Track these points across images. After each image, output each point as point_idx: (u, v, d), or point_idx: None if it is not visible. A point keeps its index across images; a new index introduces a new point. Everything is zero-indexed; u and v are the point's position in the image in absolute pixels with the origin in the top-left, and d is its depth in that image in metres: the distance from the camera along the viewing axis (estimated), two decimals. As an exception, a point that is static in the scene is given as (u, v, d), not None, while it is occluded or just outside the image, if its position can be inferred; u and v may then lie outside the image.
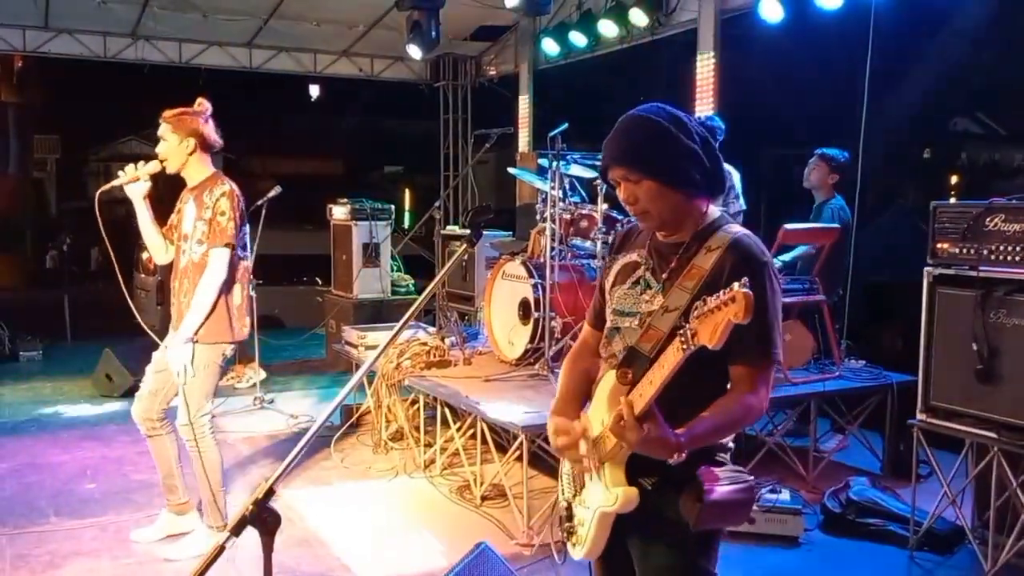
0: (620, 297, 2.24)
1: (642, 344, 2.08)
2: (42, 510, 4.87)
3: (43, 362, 9.10)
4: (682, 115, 2.14)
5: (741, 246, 2.08)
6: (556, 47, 9.38)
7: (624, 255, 2.30)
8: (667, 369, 1.89)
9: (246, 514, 1.85)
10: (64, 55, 9.98)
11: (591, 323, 2.44)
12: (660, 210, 2.12)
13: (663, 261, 2.17)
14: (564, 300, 5.47)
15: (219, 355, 4.16)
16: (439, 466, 5.48)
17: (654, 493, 2.08)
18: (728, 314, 1.72)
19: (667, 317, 2.06)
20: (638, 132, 2.12)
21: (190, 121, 4.15)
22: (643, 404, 1.92)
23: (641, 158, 2.10)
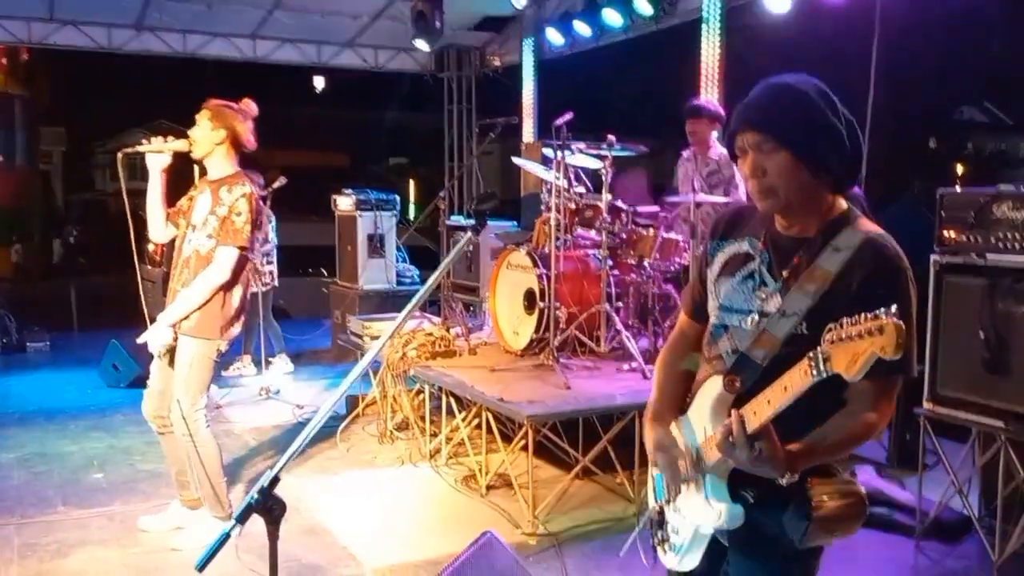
0: (729, 292, 2.03)
1: (754, 350, 1.90)
2: (50, 499, 4.89)
3: (50, 353, 9.15)
4: (829, 93, 1.92)
5: (874, 248, 1.85)
6: (560, 37, 9.35)
7: (731, 243, 2.06)
8: (790, 393, 1.71)
9: (252, 502, 1.86)
10: (69, 47, 9.98)
11: (689, 314, 2.24)
12: (788, 189, 1.88)
13: (782, 257, 1.95)
14: (569, 290, 5.47)
15: (213, 350, 4.16)
16: (444, 455, 5.50)
17: (756, 505, 1.94)
18: (874, 346, 1.52)
19: (784, 322, 1.87)
20: (783, 98, 1.91)
21: (230, 115, 4.17)
22: (757, 424, 1.76)
23: (781, 125, 1.87)
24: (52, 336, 9.40)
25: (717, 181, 5.93)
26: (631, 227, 5.60)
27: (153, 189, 4.25)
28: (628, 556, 2.30)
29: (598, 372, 5.23)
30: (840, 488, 1.91)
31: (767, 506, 1.92)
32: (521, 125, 10.19)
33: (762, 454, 1.76)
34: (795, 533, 1.87)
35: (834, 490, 1.90)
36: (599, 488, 5.02)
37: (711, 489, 1.96)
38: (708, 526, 1.98)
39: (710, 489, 1.96)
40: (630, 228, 5.60)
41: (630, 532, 4.51)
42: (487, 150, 11.38)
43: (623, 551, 2.37)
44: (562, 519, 4.58)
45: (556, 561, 4.10)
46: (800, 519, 1.86)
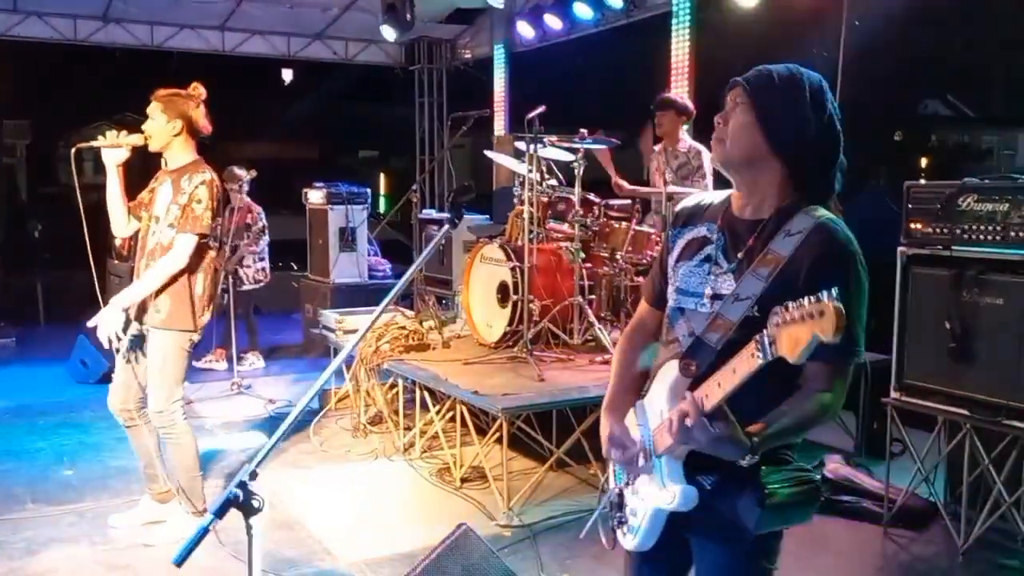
0: (685, 275, 2.06)
1: (708, 334, 1.92)
2: (19, 497, 4.83)
3: (17, 348, 9.01)
4: (827, 90, 1.98)
5: (825, 232, 1.88)
6: (531, 30, 9.37)
7: (691, 229, 2.11)
8: (739, 375, 1.72)
9: (230, 497, 1.85)
10: (34, 38, 9.83)
11: (649, 300, 2.27)
12: (735, 144, 1.96)
13: (737, 239, 1.99)
14: (542, 283, 5.49)
15: (186, 341, 4.13)
16: (418, 449, 5.50)
17: (713, 492, 1.95)
18: (815, 328, 1.54)
19: (738, 306, 1.89)
20: (776, 71, 1.98)
21: (181, 104, 4.12)
22: (710, 405, 1.77)
23: (760, 87, 1.96)
24: (18, 331, 9.26)
25: (687, 173, 5.98)
26: (603, 220, 5.64)
27: (111, 184, 4.19)
28: (600, 544, 2.33)
29: (571, 364, 5.26)
30: (793, 475, 1.95)
31: (723, 493, 1.94)
32: (493, 118, 10.19)
33: (720, 434, 1.77)
34: (749, 520, 1.90)
35: (787, 477, 1.93)
36: (573, 479, 5.05)
37: (666, 472, 1.98)
38: (664, 508, 1.99)
39: (665, 472, 1.99)
40: (602, 221, 5.63)
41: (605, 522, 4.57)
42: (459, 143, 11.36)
43: (583, 532, 2.38)
44: (536, 510, 4.61)
45: (531, 551, 4.13)
46: (753, 506, 1.88)
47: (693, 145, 6.04)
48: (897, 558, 4.23)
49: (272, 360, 8.29)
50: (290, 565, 3.99)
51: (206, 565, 3.86)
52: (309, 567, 4.00)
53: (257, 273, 7.91)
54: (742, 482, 1.90)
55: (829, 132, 1.97)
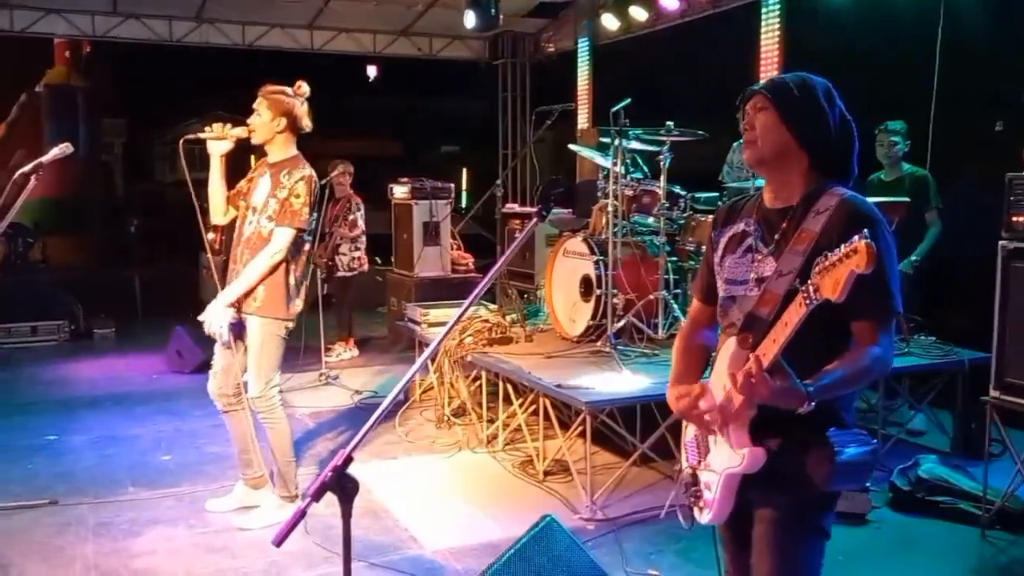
0: (731, 266, 2.30)
1: (760, 309, 2.12)
2: (121, 480, 5.04)
3: (116, 339, 9.39)
4: (836, 94, 2.24)
5: (850, 205, 2.12)
6: (616, 22, 9.30)
7: (730, 227, 2.36)
8: (790, 326, 1.93)
9: (326, 480, 1.90)
10: (132, 40, 10.21)
11: (700, 298, 2.50)
12: (765, 143, 2.20)
13: (772, 227, 2.23)
14: (626, 277, 5.46)
15: (281, 329, 4.26)
16: (501, 441, 5.54)
17: (779, 455, 2.13)
18: (850, 265, 1.76)
19: (781, 281, 2.10)
20: (790, 77, 2.25)
21: (286, 102, 4.25)
22: (770, 359, 1.95)
23: (775, 90, 2.21)
24: (117, 323, 9.65)
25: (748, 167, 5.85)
26: (689, 213, 5.56)
27: (214, 173, 4.36)
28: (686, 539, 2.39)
29: (656, 359, 5.21)
30: (857, 438, 2.11)
31: (791, 452, 2.11)
32: (576, 112, 10.16)
33: (780, 385, 1.95)
34: (819, 475, 2.06)
35: (852, 439, 2.10)
36: (656, 475, 5.02)
37: (734, 437, 2.15)
38: (735, 472, 2.16)
39: (733, 438, 2.15)
40: (688, 214, 5.56)
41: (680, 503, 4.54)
42: (542, 138, 11.36)
43: (662, 513, 2.56)
44: (620, 505, 4.59)
45: (615, 546, 4.11)
46: (824, 462, 2.05)
47: None
48: (995, 561, 4.08)
49: (359, 352, 8.45)
50: (378, 552, 4.06)
51: (294, 549, 3.96)
52: (396, 554, 4.07)
53: (352, 261, 8.10)
54: (809, 442, 2.08)
55: (844, 123, 2.22)
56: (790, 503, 2.17)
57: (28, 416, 6.36)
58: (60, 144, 4.50)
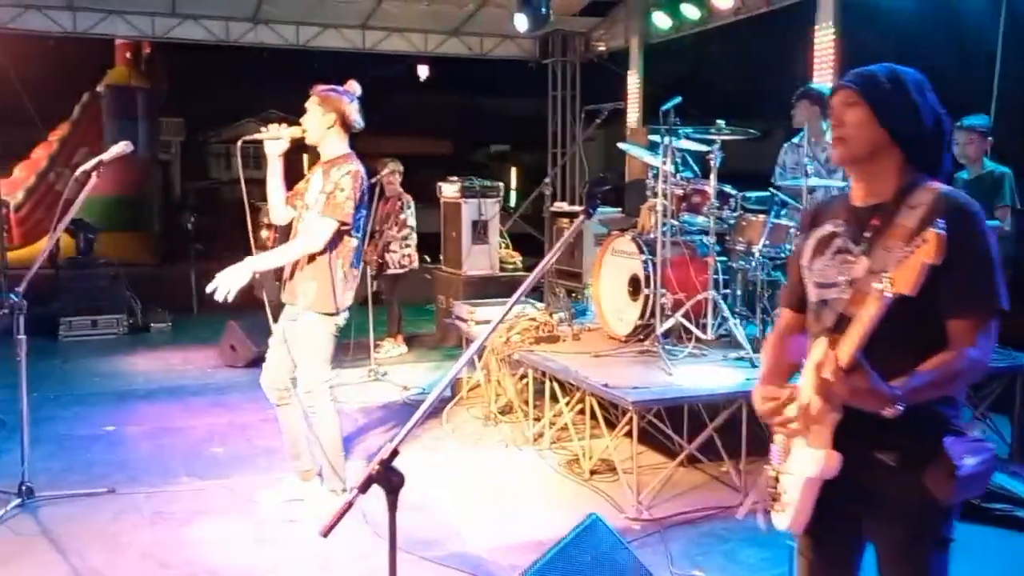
0: (821, 270, 2.21)
1: (851, 310, 2.02)
2: (174, 470, 5.16)
3: (172, 333, 9.60)
4: (926, 83, 2.15)
5: (947, 201, 2.01)
6: (667, 20, 9.24)
7: (818, 230, 2.27)
8: (866, 322, 1.85)
9: (372, 473, 1.93)
10: (189, 40, 10.42)
11: (789, 305, 2.41)
12: (858, 139, 2.11)
13: (862, 224, 2.14)
14: (675, 276, 5.42)
15: (330, 324, 4.32)
16: (548, 440, 5.54)
17: (897, 471, 2.04)
18: (921, 256, 1.71)
19: (874, 279, 1.97)
20: (879, 69, 2.15)
21: (336, 100, 4.32)
22: (846, 358, 1.88)
23: (864, 84, 2.12)
24: (173, 317, 9.86)
25: (836, 165, 5.75)
26: (740, 212, 5.51)
27: (272, 174, 4.45)
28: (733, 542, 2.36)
29: (704, 359, 5.18)
30: (974, 446, 2.01)
31: (908, 467, 2.02)
32: (626, 111, 10.12)
33: (859, 385, 1.87)
34: (942, 492, 1.97)
35: (967, 448, 1.99)
36: (704, 476, 4.98)
37: (814, 440, 2.08)
38: (810, 473, 2.08)
39: (813, 440, 2.08)
40: (739, 214, 5.50)
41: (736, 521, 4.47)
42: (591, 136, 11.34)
43: (741, 513, 2.50)
44: (666, 505, 4.56)
45: (660, 546, 4.09)
46: (946, 478, 1.95)
47: None
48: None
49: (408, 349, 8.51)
50: (424, 546, 4.09)
51: (342, 541, 4.01)
52: (442, 549, 4.10)
53: (403, 259, 8.18)
54: (928, 454, 1.98)
55: (937, 116, 2.12)
56: (915, 524, 2.08)
57: (87, 407, 6.53)
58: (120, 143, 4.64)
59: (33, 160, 16.89)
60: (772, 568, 3.92)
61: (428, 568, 3.90)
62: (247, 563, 3.99)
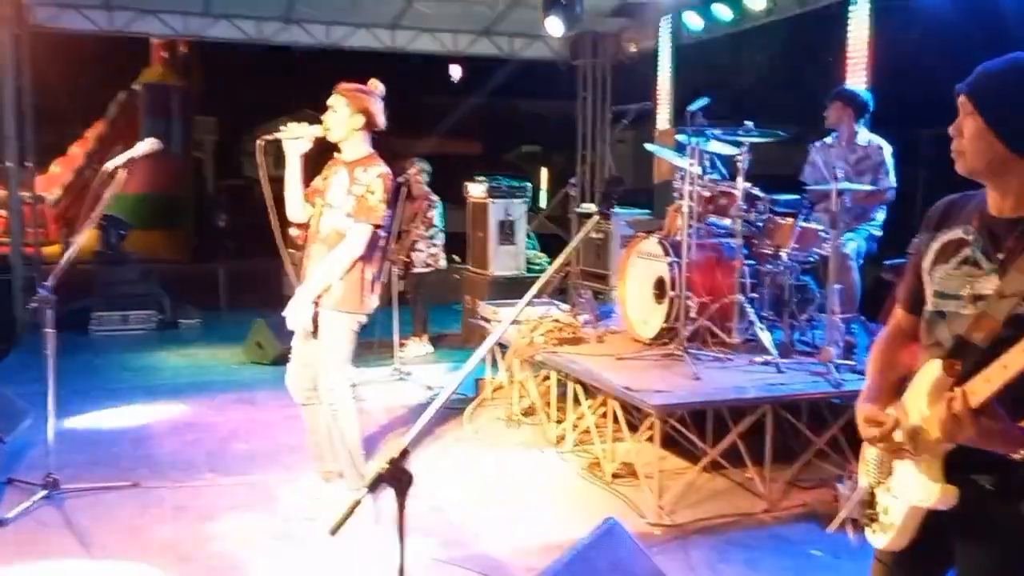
0: (944, 278, 2.05)
1: (973, 333, 1.91)
2: (198, 466, 5.19)
3: (200, 330, 9.69)
4: None
5: None
6: (699, 21, 9.16)
7: (945, 232, 2.10)
8: (1012, 371, 1.72)
9: (381, 472, 1.91)
10: (222, 39, 10.51)
11: (905, 306, 2.25)
12: (973, 154, 1.95)
13: (997, 239, 1.97)
14: (701, 279, 5.37)
15: (355, 323, 4.32)
16: (570, 442, 5.51)
17: (992, 497, 1.94)
18: None
19: (1003, 304, 1.87)
20: (1004, 69, 1.95)
21: (364, 99, 4.32)
22: (980, 400, 1.77)
23: (983, 91, 1.94)
24: (202, 314, 9.95)
25: (866, 168, 5.68)
26: (768, 215, 5.44)
27: (291, 172, 4.43)
28: (754, 550, 2.29)
29: (730, 364, 5.12)
30: None
31: (1003, 494, 1.92)
32: (656, 112, 10.05)
33: (989, 427, 1.76)
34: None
35: None
36: (728, 482, 4.92)
37: (926, 470, 1.98)
38: (922, 506, 2.00)
39: (925, 470, 1.98)
40: (767, 216, 5.43)
41: (760, 528, 4.43)
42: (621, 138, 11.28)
43: (832, 527, 2.41)
44: (688, 511, 4.51)
45: (681, 553, 4.05)
46: None
47: (874, 140, 5.73)
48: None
49: (434, 349, 8.52)
50: (440, 546, 4.08)
51: (362, 540, 4.01)
52: (460, 550, 4.09)
53: (429, 258, 8.20)
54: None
55: None
56: (1008, 552, 1.97)
57: (116, 401, 6.59)
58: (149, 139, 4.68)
59: (70, 157, 17.18)
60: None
61: (445, 569, 3.89)
62: (266, 560, 4.00)
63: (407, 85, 16.81)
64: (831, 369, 4.80)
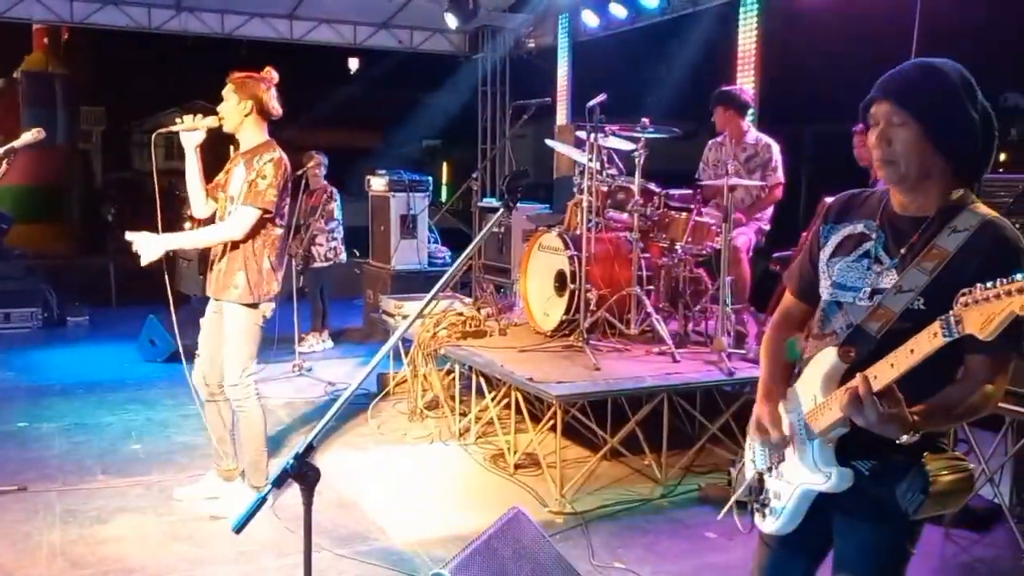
0: (843, 270, 2.11)
1: (869, 323, 1.98)
2: (90, 468, 5.02)
3: (89, 327, 9.33)
4: (970, 76, 1.98)
5: (993, 230, 1.92)
6: (596, 18, 9.31)
7: (846, 225, 2.15)
8: (917, 355, 1.79)
9: (288, 468, 1.92)
10: (110, 26, 10.11)
11: (796, 294, 2.32)
12: (909, 163, 1.96)
13: (899, 236, 2.03)
14: (600, 272, 5.49)
15: (258, 317, 4.27)
16: (473, 434, 5.55)
17: (872, 476, 2.03)
18: (1012, 306, 1.60)
19: (900, 297, 1.95)
20: (925, 76, 1.97)
21: (252, 85, 4.25)
22: (881, 385, 1.84)
23: (915, 101, 1.94)
24: (91, 311, 9.58)
25: (755, 166, 5.90)
26: (663, 210, 5.60)
27: (190, 167, 4.35)
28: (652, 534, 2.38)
29: (628, 354, 5.25)
30: (952, 464, 1.98)
31: (882, 477, 2.01)
32: (555, 107, 10.17)
33: (889, 413, 1.82)
34: (911, 505, 1.95)
35: (947, 465, 1.97)
36: (627, 469, 5.05)
37: (819, 455, 2.06)
38: (816, 489, 2.08)
39: (818, 455, 2.06)
40: (662, 211, 5.59)
41: (658, 512, 4.57)
42: (520, 133, 11.36)
43: (720, 515, 2.47)
44: (589, 499, 4.62)
45: (582, 539, 4.14)
46: (917, 492, 1.94)
47: (762, 138, 5.96)
48: (957, 559, 4.14)
49: (334, 344, 8.43)
50: (346, 542, 4.07)
51: (264, 538, 3.96)
52: (364, 545, 4.08)
53: (329, 252, 8.11)
54: (904, 468, 1.97)
55: (989, 121, 1.99)
56: (882, 530, 2.07)
57: (-2, 403, 6.31)
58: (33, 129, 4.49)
59: (-57, 147, 16.25)
60: (691, 559, 4.01)
61: (349, 564, 3.87)
62: (165, 562, 3.90)
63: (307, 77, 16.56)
64: (723, 358, 4.98)
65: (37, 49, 16.04)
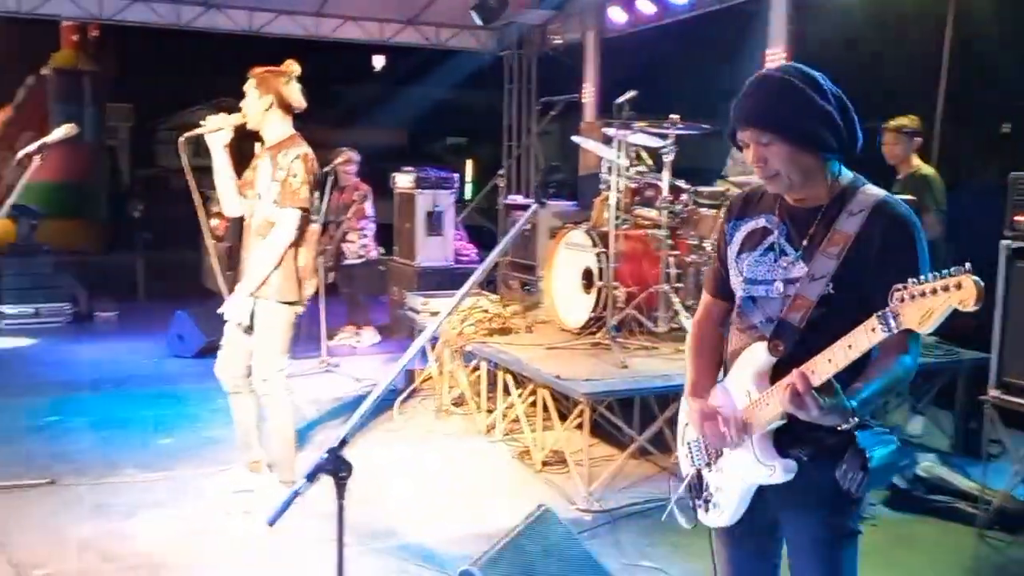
0: (752, 265, 2.17)
1: (791, 314, 2.04)
2: (119, 462, 5.05)
3: (118, 323, 9.39)
4: (817, 75, 2.06)
5: (888, 208, 2.02)
6: (623, 15, 9.27)
7: (748, 221, 2.22)
8: (855, 350, 1.84)
9: (321, 462, 1.91)
10: (139, 23, 10.17)
11: (713, 293, 2.38)
12: (790, 171, 2.05)
13: (799, 227, 2.10)
14: (627, 269, 5.46)
15: (291, 314, 4.27)
16: (500, 431, 5.54)
17: (809, 464, 2.07)
18: (951, 300, 1.65)
19: (814, 285, 2.02)
20: (770, 92, 2.05)
21: (273, 80, 4.26)
22: (820, 380, 1.88)
23: (772, 119, 2.03)
24: (119, 306, 9.65)
25: None
26: (692, 207, 5.55)
27: (220, 166, 4.35)
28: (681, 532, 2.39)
29: (655, 352, 5.22)
30: (881, 437, 2.04)
31: (821, 463, 2.05)
32: (582, 104, 10.14)
33: (830, 405, 1.86)
34: (852, 484, 1.99)
35: (877, 440, 2.02)
36: (654, 467, 5.02)
37: (759, 449, 2.09)
38: (760, 481, 2.12)
39: (758, 449, 2.09)
40: (691, 208, 5.55)
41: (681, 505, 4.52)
42: (547, 130, 11.34)
43: (664, 516, 2.48)
44: (616, 496, 4.60)
45: (610, 537, 4.13)
46: (856, 471, 1.98)
47: None
48: (991, 561, 4.09)
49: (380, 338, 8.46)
50: (376, 537, 4.07)
51: (293, 533, 3.97)
52: (393, 540, 4.09)
53: (360, 248, 8.14)
54: (839, 449, 2.01)
55: (844, 105, 2.06)
56: (829, 515, 2.12)
57: (29, 397, 6.37)
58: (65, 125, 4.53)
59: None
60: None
61: (378, 559, 3.88)
62: (193, 556, 3.93)
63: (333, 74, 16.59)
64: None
65: (66, 46, 16.18)
